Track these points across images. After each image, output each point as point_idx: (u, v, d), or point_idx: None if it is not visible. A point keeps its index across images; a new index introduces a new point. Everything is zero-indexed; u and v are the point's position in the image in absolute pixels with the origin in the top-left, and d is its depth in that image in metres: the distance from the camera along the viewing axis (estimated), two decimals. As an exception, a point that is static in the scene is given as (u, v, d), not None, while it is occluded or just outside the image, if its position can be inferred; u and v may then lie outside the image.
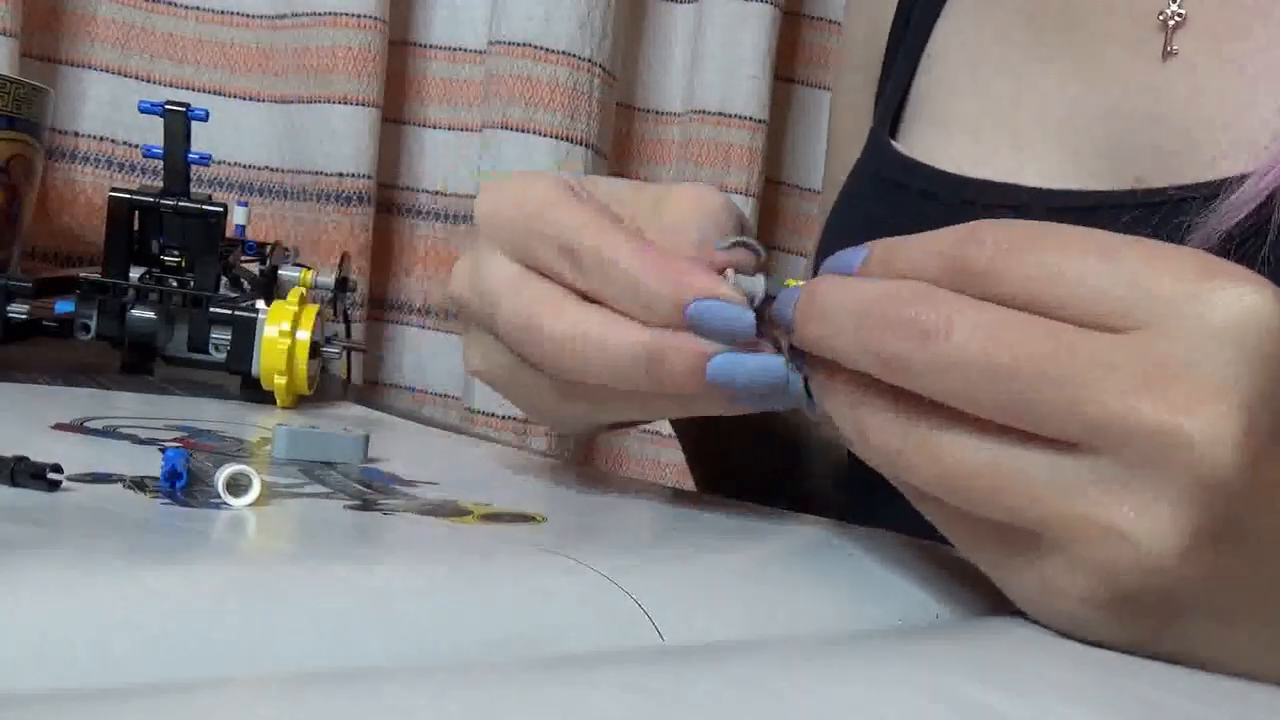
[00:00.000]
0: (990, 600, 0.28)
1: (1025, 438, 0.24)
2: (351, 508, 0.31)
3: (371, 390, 0.86)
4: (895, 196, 0.52)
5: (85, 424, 0.39)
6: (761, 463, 0.53)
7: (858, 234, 0.54)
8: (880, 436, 0.26)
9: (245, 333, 0.53)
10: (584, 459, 0.89)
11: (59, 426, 0.38)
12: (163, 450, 0.30)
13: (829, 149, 0.68)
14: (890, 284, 0.26)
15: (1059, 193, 0.47)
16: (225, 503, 0.29)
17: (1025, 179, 0.48)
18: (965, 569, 0.29)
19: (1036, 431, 0.24)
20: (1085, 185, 0.47)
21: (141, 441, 0.37)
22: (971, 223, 0.26)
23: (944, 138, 0.52)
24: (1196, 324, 0.23)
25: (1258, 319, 0.23)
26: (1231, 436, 0.22)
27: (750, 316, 0.30)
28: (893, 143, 0.55)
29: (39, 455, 0.29)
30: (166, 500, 0.29)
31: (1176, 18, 0.46)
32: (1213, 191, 0.41)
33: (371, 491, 0.34)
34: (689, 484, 0.58)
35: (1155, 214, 0.43)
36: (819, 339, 0.27)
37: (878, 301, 0.25)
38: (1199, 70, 0.45)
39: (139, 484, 0.30)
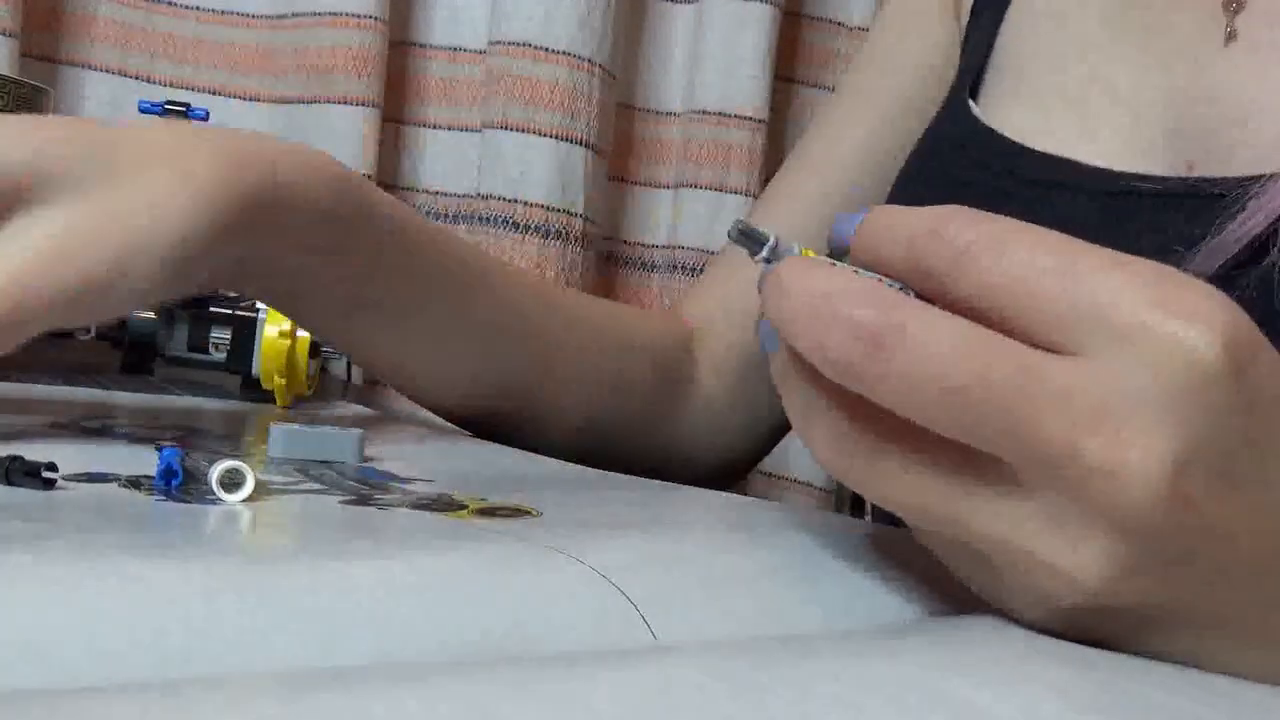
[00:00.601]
0: (978, 597, 0.28)
1: (969, 465, 0.24)
2: (346, 503, 0.31)
3: (371, 390, 0.86)
4: (966, 161, 0.53)
5: (82, 423, 0.39)
6: None
7: (926, 192, 0.54)
8: (829, 451, 0.26)
9: (245, 333, 0.53)
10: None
11: (56, 426, 0.38)
12: (159, 449, 0.31)
13: (831, 113, 0.67)
14: (843, 279, 0.25)
15: (1113, 174, 0.47)
16: (220, 499, 0.29)
17: (1085, 155, 0.48)
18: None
19: (983, 449, 0.24)
20: (1141, 166, 0.47)
21: (138, 441, 0.38)
22: (945, 211, 0.25)
23: (1014, 101, 0.53)
24: (1143, 363, 0.23)
25: (1201, 366, 0.23)
26: (1164, 479, 0.23)
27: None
28: (971, 105, 0.55)
29: (35, 454, 0.29)
30: (162, 498, 0.29)
31: (1236, 2, 0.46)
32: (1253, 191, 0.41)
33: (367, 488, 0.34)
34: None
35: (1202, 206, 0.43)
36: (780, 323, 0.26)
37: (829, 298, 0.24)
38: (1260, 54, 0.45)
39: (134, 483, 0.30)
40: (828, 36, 0.93)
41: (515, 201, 0.81)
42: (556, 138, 0.81)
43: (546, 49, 0.81)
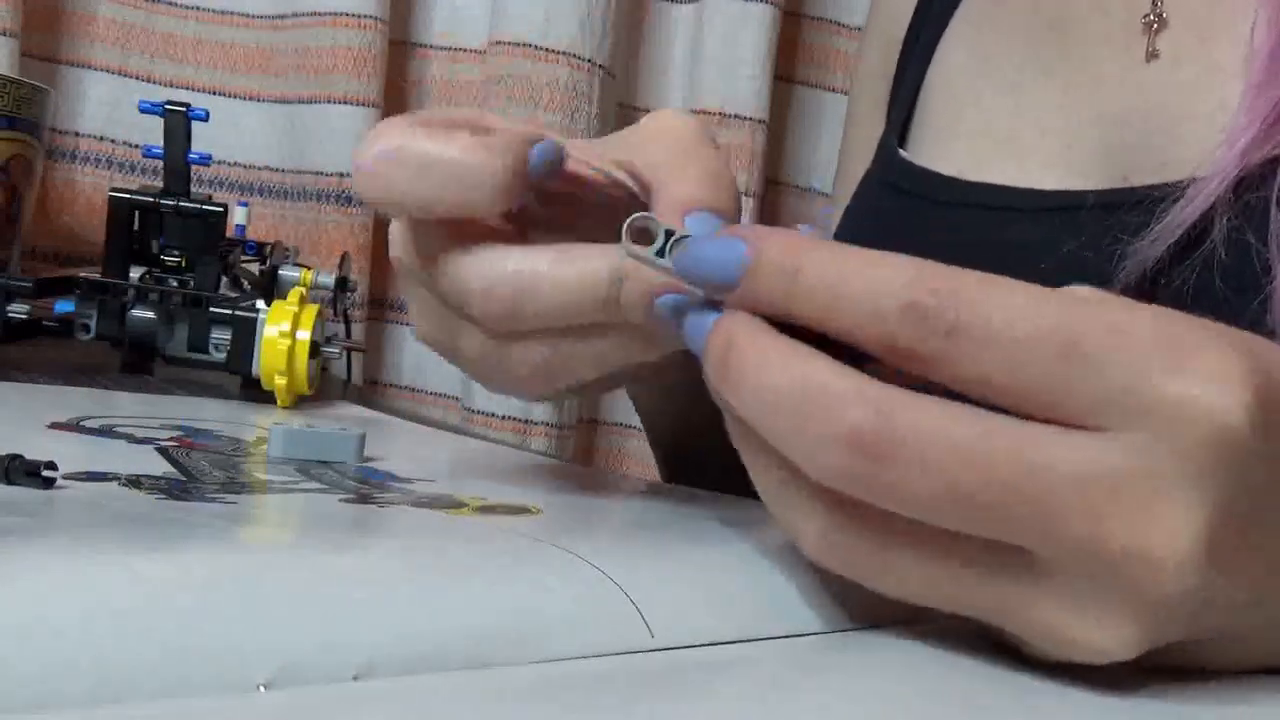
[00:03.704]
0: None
1: (985, 551, 0.23)
2: (346, 501, 0.31)
3: (371, 390, 0.86)
4: (901, 202, 0.54)
5: (82, 423, 0.39)
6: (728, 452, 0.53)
7: (865, 238, 0.55)
8: (821, 549, 0.24)
9: (245, 333, 0.53)
10: (584, 459, 0.89)
11: (55, 425, 0.38)
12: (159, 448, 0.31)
13: (841, 158, 0.69)
14: (827, 372, 0.23)
15: (1050, 193, 0.48)
16: (219, 497, 0.29)
17: (1021, 182, 0.49)
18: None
19: (997, 539, 0.22)
20: (1077, 185, 0.48)
21: (138, 441, 0.38)
22: (912, 270, 0.23)
23: (948, 147, 0.54)
24: (1163, 437, 0.21)
25: (1228, 430, 0.21)
26: (1197, 554, 0.22)
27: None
28: (900, 151, 0.56)
29: (35, 454, 0.29)
30: (162, 496, 0.29)
31: (1157, 20, 0.48)
32: (1192, 182, 0.42)
33: (367, 487, 0.34)
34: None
35: (1137, 207, 0.44)
36: (740, 409, 0.24)
37: (821, 405, 0.22)
38: (1181, 69, 0.47)
39: (134, 482, 0.30)
40: (828, 36, 0.93)
41: (515, 201, 0.81)
42: (556, 138, 0.81)
43: (546, 49, 0.81)
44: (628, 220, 0.27)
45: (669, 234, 0.26)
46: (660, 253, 0.26)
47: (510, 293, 0.30)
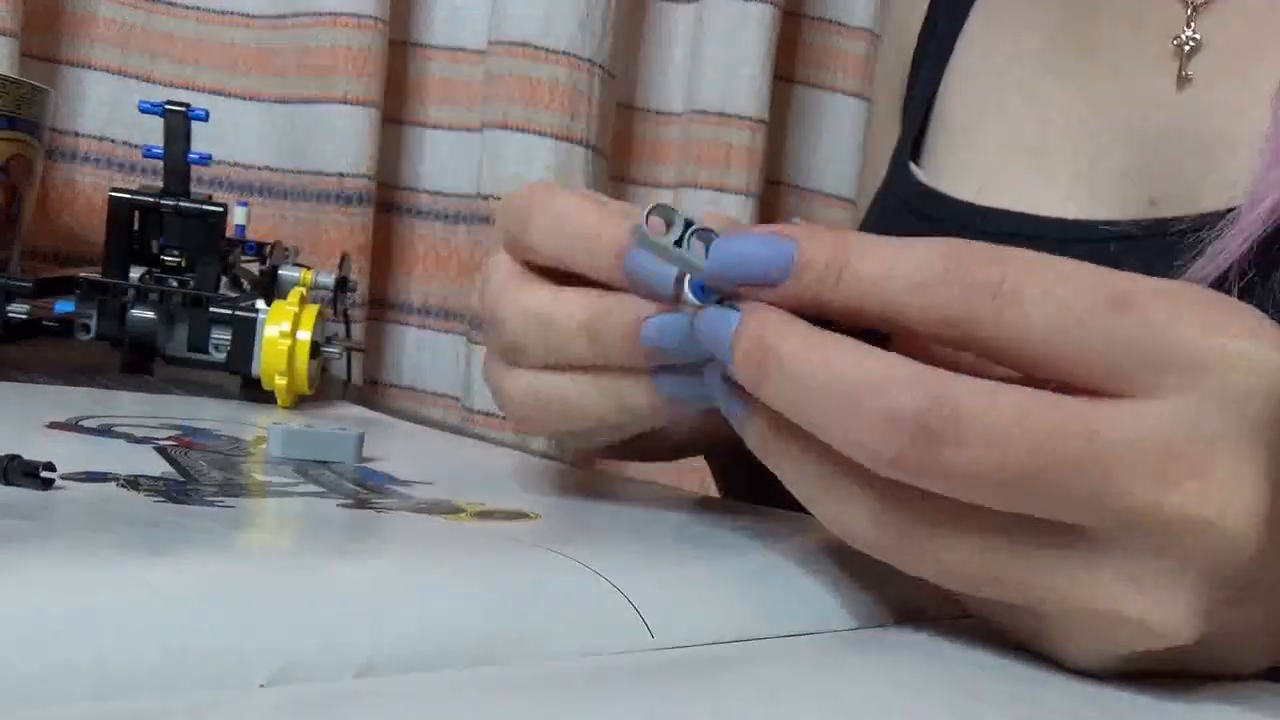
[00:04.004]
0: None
1: (1030, 531, 0.23)
2: (345, 505, 0.31)
3: (371, 390, 0.86)
4: (916, 226, 0.52)
5: (80, 423, 0.39)
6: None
7: None
8: (872, 533, 0.24)
9: (245, 333, 0.53)
10: (585, 461, 0.89)
11: (54, 425, 0.38)
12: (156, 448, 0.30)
13: (864, 171, 0.69)
14: (874, 361, 0.23)
15: (1072, 224, 0.47)
16: (218, 500, 0.29)
17: (1045, 206, 0.48)
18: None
19: (1053, 518, 0.22)
20: (1103, 209, 0.47)
21: (136, 440, 0.38)
22: (949, 249, 0.23)
23: (967, 162, 0.53)
24: (1215, 395, 0.21)
25: (1269, 380, 0.21)
26: (1256, 518, 0.21)
27: (669, 271, 0.27)
28: (912, 167, 0.55)
29: (33, 454, 0.29)
30: (160, 498, 0.29)
31: (1191, 42, 0.46)
32: (1214, 233, 0.41)
33: (366, 491, 0.34)
34: (688, 485, 0.58)
35: (1162, 247, 0.43)
36: (783, 406, 0.24)
37: (875, 390, 0.22)
38: (1215, 93, 0.45)
39: (133, 483, 0.30)
40: (828, 36, 0.93)
41: (515, 201, 0.81)
42: (556, 138, 0.81)
43: (546, 49, 0.81)
44: (647, 208, 0.26)
45: (688, 224, 0.26)
46: (678, 243, 0.26)
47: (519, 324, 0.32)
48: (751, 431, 0.26)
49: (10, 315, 0.54)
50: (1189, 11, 0.47)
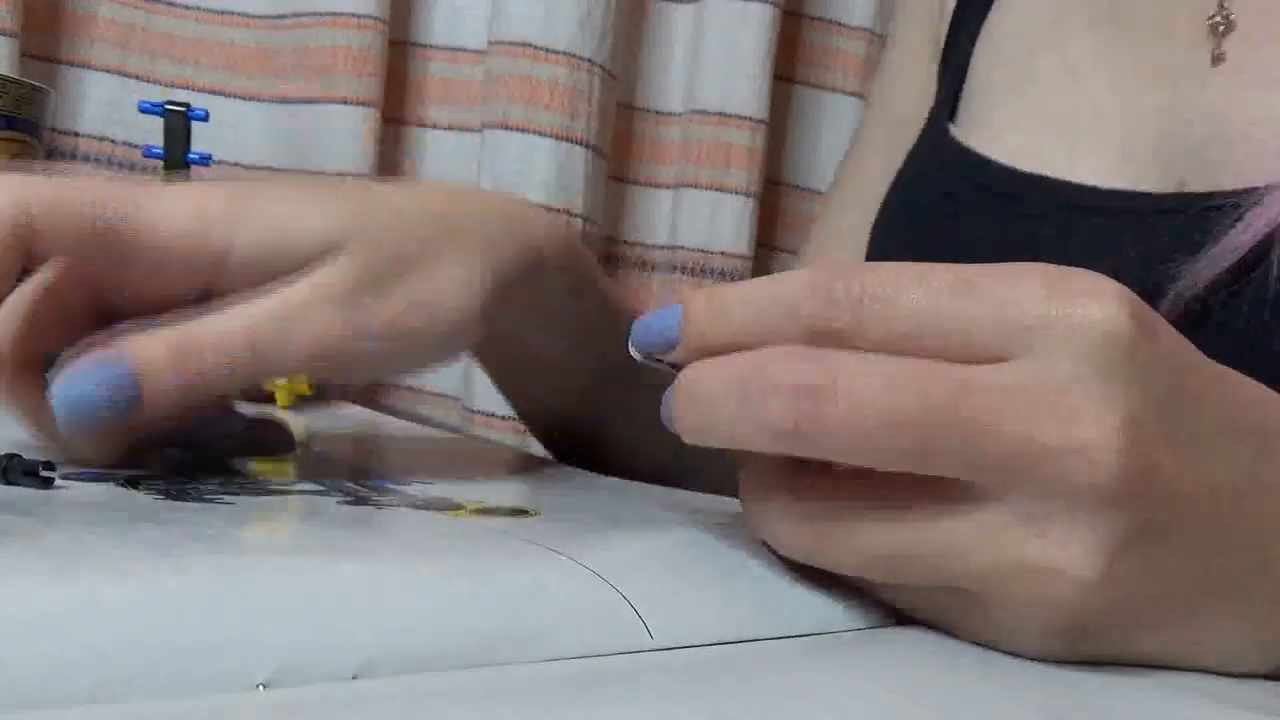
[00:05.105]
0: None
1: (935, 499, 0.24)
2: (344, 503, 0.31)
3: (371, 390, 0.86)
4: (953, 185, 0.53)
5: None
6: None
7: (919, 220, 0.54)
8: (790, 537, 0.27)
9: (243, 332, 0.53)
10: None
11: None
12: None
13: (877, 83, 0.68)
14: (760, 352, 0.25)
15: (1106, 192, 0.47)
16: (218, 498, 0.29)
17: (1076, 175, 0.48)
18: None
19: (945, 475, 0.24)
20: (1133, 184, 0.47)
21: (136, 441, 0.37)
22: (811, 274, 0.25)
23: (1000, 125, 0.53)
24: (1065, 349, 0.24)
25: (1117, 336, 0.24)
26: (1119, 447, 0.23)
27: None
28: (951, 128, 0.55)
29: (31, 453, 0.29)
30: (159, 496, 0.29)
31: (1224, 23, 0.47)
32: (1252, 200, 0.41)
33: (365, 490, 0.34)
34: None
35: (1197, 219, 0.43)
36: (702, 429, 0.26)
37: (756, 372, 0.25)
38: (1247, 74, 0.46)
39: (132, 482, 0.30)
40: (828, 36, 0.93)
41: (515, 201, 0.81)
42: (556, 138, 0.81)
43: (546, 49, 0.81)
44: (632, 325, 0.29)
45: None
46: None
47: None
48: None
49: (10, 315, 0.54)
50: None
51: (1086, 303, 0.24)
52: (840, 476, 0.26)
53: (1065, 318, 0.24)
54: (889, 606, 0.28)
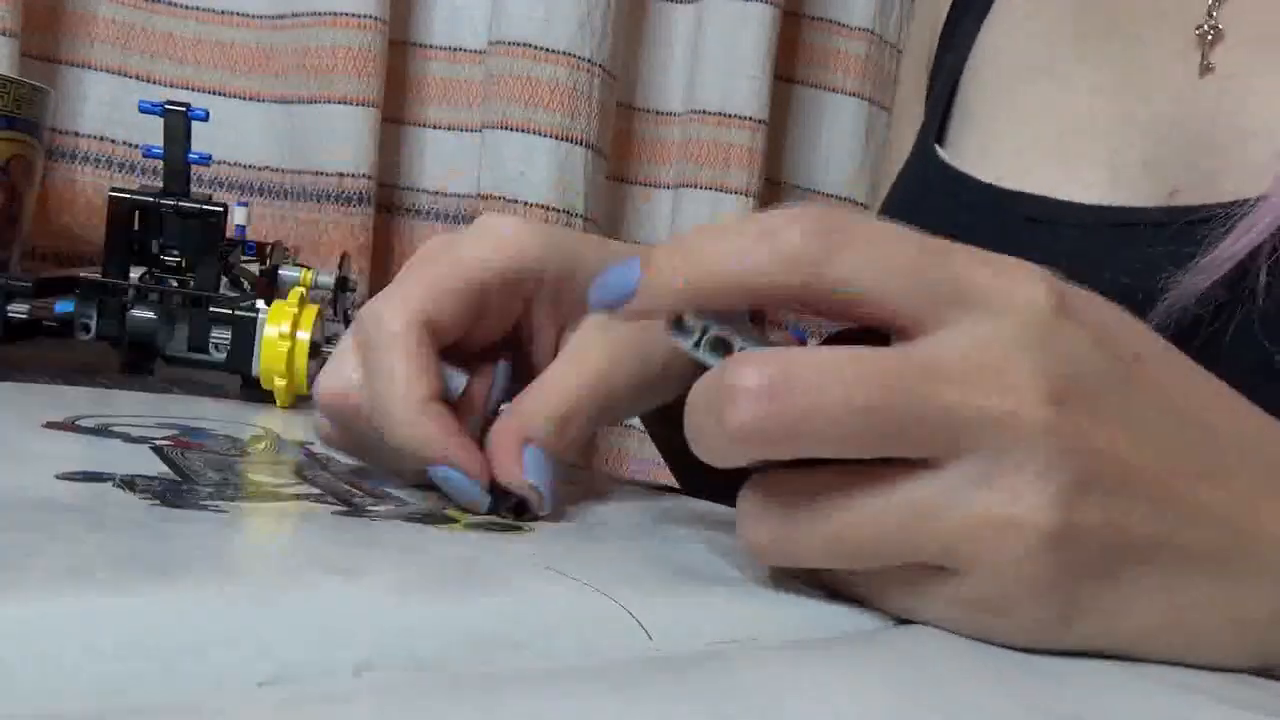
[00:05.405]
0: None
1: (894, 474, 0.26)
2: (338, 513, 0.31)
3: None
4: (941, 206, 0.53)
5: (77, 422, 0.39)
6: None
7: None
8: (765, 538, 0.27)
9: (245, 333, 0.53)
10: (583, 459, 0.89)
11: (51, 425, 0.38)
12: (153, 447, 0.30)
13: (888, 147, 0.69)
14: (719, 370, 0.26)
15: (1095, 206, 0.47)
16: (212, 505, 0.29)
17: (1066, 192, 0.48)
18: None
19: (905, 454, 0.25)
20: (1123, 197, 0.47)
21: (133, 440, 0.37)
22: (789, 210, 0.26)
23: (988, 146, 0.53)
24: (997, 319, 0.25)
25: (1041, 310, 0.26)
26: (1049, 410, 0.25)
27: (483, 500, 0.33)
28: (938, 149, 0.55)
29: (29, 453, 0.29)
30: (155, 501, 0.29)
31: (1213, 31, 0.46)
32: (1241, 211, 0.41)
33: (360, 495, 0.34)
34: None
35: (1188, 231, 0.43)
36: (696, 449, 0.27)
37: (713, 385, 0.25)
38: (1236, 83, 0.46)
39: (129, 483, 0.30)
40: (828, 36, 0.93)
41: (515, 201, 0.81)
42: (556, 138, 0.81)
43: (546, 49, 0.81)
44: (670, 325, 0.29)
45: (705, 330, 0.28)
46: (696, 345, 0.28)
47: None
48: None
49: (10, 315, 0.54)
50: (1210, 0, 0.47)
51: (1016, 279, 0.26)
52: (804, 472, 0.26)
53: (997, 291, 0.26)
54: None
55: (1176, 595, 0.26)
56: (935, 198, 0.54)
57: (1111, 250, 0.45)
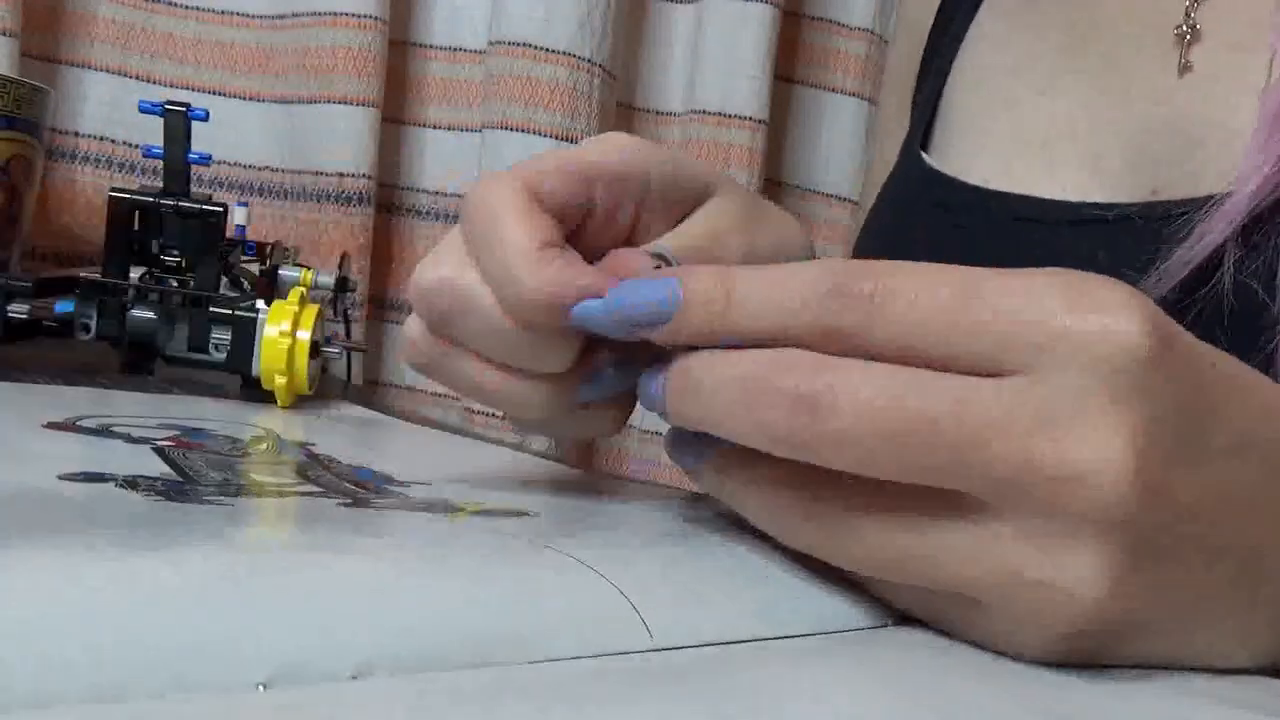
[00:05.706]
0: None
1: (937, 506, 0.24)
2: (343, 505, 0.31)
3: (371, 390, 0.86)
4: (927, 210, 0.53)
5: (78, 423, 0.39)
6: None
7: (894, 241, 0.55)
8: (792, 530, 0.27)
9: (245, 333, 0.53)
10: (583, 459, 0.89)
11: (51, 425, 0.38)
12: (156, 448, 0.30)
13: (873, 160, 0.69)
14: (765, 355, 0.25)
15: (1079, 205, 0.47)
16: (216, 500, 0.29)
17: (1049, 192, 0.49)
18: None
19: (942, 486, 0.24)
20: (1104, 196, 0.47)
21: (135, 440, 0.37)
22: (826, 267, 0.25)
23: (973, 150, 0.54)
24: (1072, 365, 0.23)
25: (1133, 351, 0.23)
26: (1127, 472, 0.23)
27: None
28: (924, 155, 0.56)
29: (29, 454, 0.29)
30: (159, 498, 0.29)
31: (1191, 32, 0.47)
32: (1208, 208, 0.41)
33: (365, 491, 0.34)
34: (685, 484, 0.58)
35: (1167, 226, 0.43)
36: (700, 419, 0.27)
37: (758, 377, 0.25)
38: (1214, 82, 0.46)
39: (131, 483, 0.30)
40: (828, 36, 0.93)
41: (515, 201, 0.81)
42: (556, 138, 0.81)
43: (546, 49, 0.81)
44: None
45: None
46: None
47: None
48: (706, 479, 0.29)
49: (10, 315, 0.54)
50: (1189, 1, 0.47)
51: (1103, 315, 0.23)
52: (852, 484, 0.25)
53: (1078, 332, 0.23)
54: (889, 606, 0.28)
55: (1195, 635, 0.26)
56: (924, 202, 0.54)
57: (1086, 248, 0.46)
